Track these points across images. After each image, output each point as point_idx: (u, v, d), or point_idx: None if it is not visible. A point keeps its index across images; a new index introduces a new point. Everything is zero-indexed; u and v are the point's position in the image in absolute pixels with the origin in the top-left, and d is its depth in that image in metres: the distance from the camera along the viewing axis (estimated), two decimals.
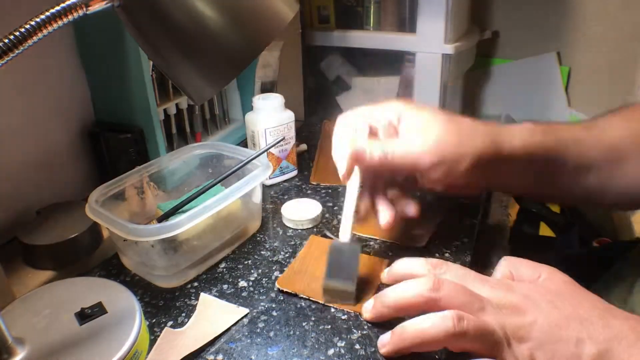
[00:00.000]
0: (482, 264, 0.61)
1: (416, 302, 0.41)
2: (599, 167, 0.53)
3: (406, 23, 1.02)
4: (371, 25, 1.07)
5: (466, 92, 1.27)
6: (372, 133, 0.52)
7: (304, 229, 0.62)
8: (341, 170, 0.51)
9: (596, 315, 0.39)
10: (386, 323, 0.46)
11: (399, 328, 0.42)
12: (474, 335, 0.38)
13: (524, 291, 0.41)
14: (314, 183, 0.73)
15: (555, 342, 0.38)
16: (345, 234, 0.51)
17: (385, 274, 0.49)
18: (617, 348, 0.37)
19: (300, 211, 0.63)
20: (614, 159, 0.53)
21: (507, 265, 0.46)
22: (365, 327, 0.47)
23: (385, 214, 0.53)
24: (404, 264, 0.47)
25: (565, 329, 0.38)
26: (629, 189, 0.54)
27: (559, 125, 0.54)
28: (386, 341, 0.43)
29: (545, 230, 0.94)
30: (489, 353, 0.39)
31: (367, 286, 0.51)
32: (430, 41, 0.93)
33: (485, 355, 0.39)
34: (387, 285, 0.46)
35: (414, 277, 0.44)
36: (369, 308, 0.46)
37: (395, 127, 0.52)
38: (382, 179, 0.56)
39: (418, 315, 0.41)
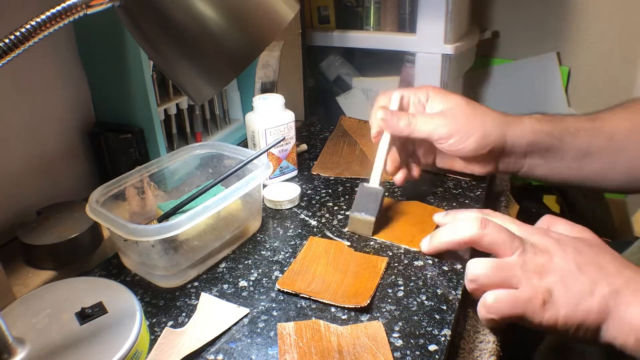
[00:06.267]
0: None
1: (465, 238, 0.48)
2: (600, 154, 0.59)
3: (406, 23, 1.02)
4: (371, 25, 1.07)
5: (466, 92, 1.27)
6: (404, 108, 0.63)
7: (283, 210, 0.66)
8: (372, 131, 0.62)
9: (612, 265, 0.45)
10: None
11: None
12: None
13: (555, 237, 0.48)
14: (314, 174, 0.76)
15: (574, 280, 0.44)
16: (374, 180, 0.60)
17: (442, 216, 0.56)
18: (624, 291, 0.43)
19: (279, 193, 0.67)
20: (614, 147, 0.59)
21: (546, 221, 0.52)
22: None
23: (400, 175, 0.64)
24: (458, 212, 0.55)
25: (585, 271, 0.44)
26: (629, 175, 0.60)
27: (565, 117, 0.61)
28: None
29: None
30: (507, 283, 0.45)
31: (367, 282, 0.51)
32: (430, 41, 0.94)
33: (502, 285, 0.45)
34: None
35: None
36: (427, 243, 0.54)
37: (424, 105, 0.62)
38: (406, 148, 0.66)
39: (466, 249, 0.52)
